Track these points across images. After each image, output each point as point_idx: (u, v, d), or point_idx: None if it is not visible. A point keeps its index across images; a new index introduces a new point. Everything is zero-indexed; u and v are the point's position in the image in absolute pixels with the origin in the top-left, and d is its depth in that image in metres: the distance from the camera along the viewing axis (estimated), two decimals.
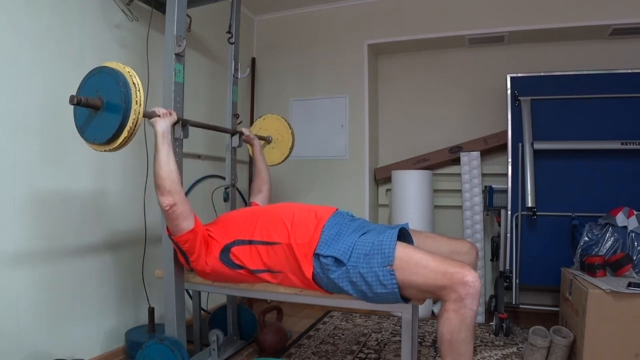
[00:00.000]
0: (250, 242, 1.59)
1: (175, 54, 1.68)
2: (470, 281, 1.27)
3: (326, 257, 1.45)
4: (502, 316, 2.40)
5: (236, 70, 2.28)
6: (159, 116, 1.55)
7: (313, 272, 1.48)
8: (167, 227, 1.58)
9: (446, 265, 1.31)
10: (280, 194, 3.27)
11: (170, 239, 1.60)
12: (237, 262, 1.59)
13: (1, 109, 1.62)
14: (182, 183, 1.58)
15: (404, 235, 1.58)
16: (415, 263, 1.35)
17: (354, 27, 3.22)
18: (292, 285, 1.58)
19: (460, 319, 1.27)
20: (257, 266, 1.58)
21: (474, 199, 2.89)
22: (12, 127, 1.65)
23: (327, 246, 1.47)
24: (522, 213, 2.60)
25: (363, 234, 1.49)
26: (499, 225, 2.74)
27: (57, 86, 1.79)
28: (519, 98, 2.66)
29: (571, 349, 1.97)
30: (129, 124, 1.35)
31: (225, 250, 1.61)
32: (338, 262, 1.44)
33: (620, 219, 2.25)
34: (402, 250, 1.38)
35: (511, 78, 2.69)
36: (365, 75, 3.20)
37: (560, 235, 2.53)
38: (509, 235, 2.60)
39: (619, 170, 2.51)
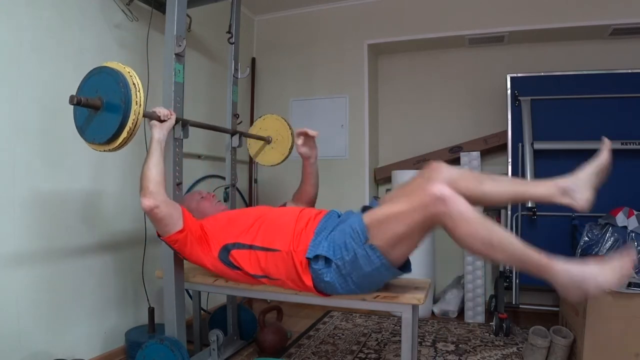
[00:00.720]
0: (250, 247, 1.58)
1: (175, 54, 1.68)
2: (438, 193, 1.24)
3: (315, 260, 1.45)
4: (502, 316, 2.40)
5: (236, 70, 2.28)
6: (159, 116, 1.55)
7: (312, 279, 1.49)
8: None
9: (413, 199, 1.29)
10: (281, 194, 3.27)
11: (160, 238, 1.60)
12: (235, 264, 1.60)
13: (1, 109, 1.62)
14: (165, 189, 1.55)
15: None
16: (387, 217, 1.35)
17: (354, 27, 3.22)
18: (290, 289, 1.60)
19: (467, 224, 1.23)
20: (255, 271, 1.58)
21: None
22: (12, 127, 1.65)
23: (312, 249, 1.47)
24: (522, 213, 2.60)
25: (336, 226, 1.50)
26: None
27: (57, 86, 1.79)
28: (519, 98, 2.66)
29: (571, 349, 1.97)
30: (129, 124, 1.35)
31: (225, 251, 1.60)
32: (326, 262, 1.44)
33: (620, 219, 2.25)
34: (368, 217, 1.39)
35: (511, 78, 2.70)
36: (365, 75, 3.20)
37: (560, 235, 2.53)
38: None
39: (619, 170, 2.50)
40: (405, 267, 1.51)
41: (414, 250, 1.44)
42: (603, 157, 1.37)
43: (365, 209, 1.55)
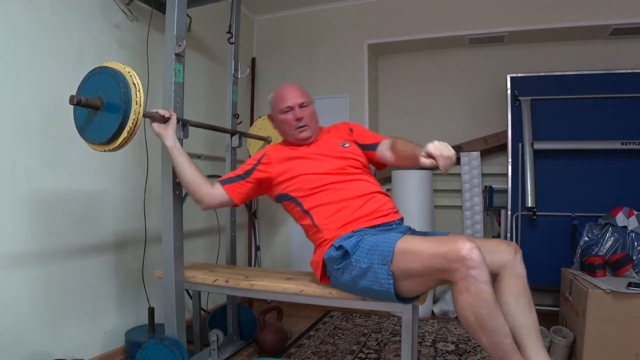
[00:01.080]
0: (303, 209, 1.63)
1: (175, 54, 1.68)
2: (466, 255, 1.18)
3: (337, 248, 1.47)
4: None
5: (236, 70, 2.28)
6: (162, 115, 1.57)
7: (323, 257, 1.54)
8: None
9: (440, 246, 1.25)
10: None
11: None
12: (287, 208, 1.72)
13: (1, 109, 1.62)
14: (203, 177, 1.69)
15: None
16: (412, 251, 1.33)
17: (354, 27, 3.22)
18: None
19: (475, 296, 1.19)
20: (299, 221, 1.68)
21: (474, 199, 2.88)
22: (12, 127, 1.65)
23: (343, 240, 1.49)
24: (522, 213, 2.60)
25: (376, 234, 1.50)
26: (499, 225, 2.73)
27: (57, 86, 1.79)
28: (519, 98, 2.66)
29: (571, 349, 1.97)
30: (129, 124, 1.35)
31: (281, 197, 1.70)
32: (345, 255, 1.45)
33: (620, 219, 2.25)
34: (400, 243, 1.36)
35: (511, 78, 2.69)
36: (365, 75, 3.19)
37: (560, 235, 2.53)
38: (509, 235, 2.60)
39: (619, 170, 2.51)
40: (408, 299, 1.47)
41: (421, 293, 1.45)
42: None
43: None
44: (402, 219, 1.68)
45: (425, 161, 1.34)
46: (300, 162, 1.68)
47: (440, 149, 1.31)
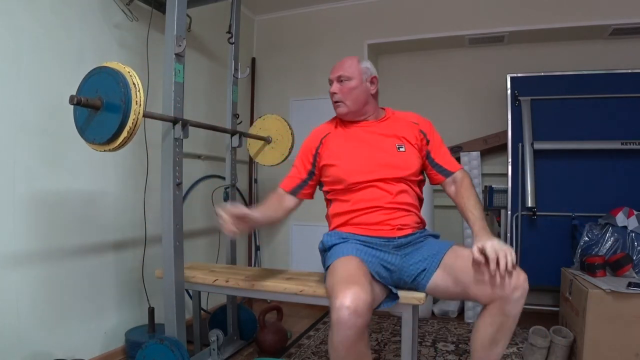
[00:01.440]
0: (327, 197, 1.70)
1: (175, 54, 1.68)
2: (336, 307, 1.09)
3: (322, 242, 1.59)
4: None
5: (236, 70, 2.28)
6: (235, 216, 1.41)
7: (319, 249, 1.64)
8: None
9: (337, 282, 1.20)
10: None
11: None
12: (323, 191, 1.74)
13: (1, 109, 1.62)
14: (268, 204, 1.65)
15: None
16: (332, 271, 1.34)
17: (354, 27, 3.22)
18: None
19: (332, 342, 1.14)
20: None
21: None
22: (12, 127, 1.65)
23: (329, 235, 1.58)
24: (522, 213, 2.60)
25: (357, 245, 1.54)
26: (499, 225, 2.73)
27: (57, 86, 1.79)
28: (519, 98, 2.66)
29: (571, 349, 1.97)
30: (129, 124, 1.35)
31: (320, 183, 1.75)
32: (325, 250, 1.55)
33: (620, 219, 2.25)
34: (338, 260, 1.38)
35: (511, 78, 2.69)
36: None
37: (560, 235, 2.53)
38: (509, 235, 2.60)
39: (619, 170, 2.51)
40: None
41: None
42: None
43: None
44: (407, 235, 1.51)
45: (477, 255, 1.22)
46: (339, 164, 1.60)
47: (498, 254, 1.19)
